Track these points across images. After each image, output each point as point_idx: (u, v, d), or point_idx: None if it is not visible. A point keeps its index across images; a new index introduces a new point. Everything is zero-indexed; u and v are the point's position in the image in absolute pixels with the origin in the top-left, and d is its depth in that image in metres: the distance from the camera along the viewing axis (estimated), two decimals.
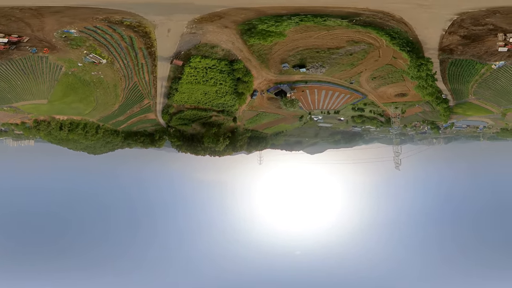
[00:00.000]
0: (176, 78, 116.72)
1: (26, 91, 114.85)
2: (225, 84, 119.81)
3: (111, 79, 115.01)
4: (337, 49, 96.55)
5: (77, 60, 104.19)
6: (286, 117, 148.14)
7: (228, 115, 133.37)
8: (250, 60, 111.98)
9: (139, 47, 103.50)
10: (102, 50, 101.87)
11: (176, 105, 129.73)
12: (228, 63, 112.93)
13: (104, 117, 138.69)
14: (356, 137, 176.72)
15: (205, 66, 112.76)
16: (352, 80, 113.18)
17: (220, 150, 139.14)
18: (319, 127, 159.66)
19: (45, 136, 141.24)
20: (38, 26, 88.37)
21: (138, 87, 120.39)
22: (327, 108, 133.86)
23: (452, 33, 79.97)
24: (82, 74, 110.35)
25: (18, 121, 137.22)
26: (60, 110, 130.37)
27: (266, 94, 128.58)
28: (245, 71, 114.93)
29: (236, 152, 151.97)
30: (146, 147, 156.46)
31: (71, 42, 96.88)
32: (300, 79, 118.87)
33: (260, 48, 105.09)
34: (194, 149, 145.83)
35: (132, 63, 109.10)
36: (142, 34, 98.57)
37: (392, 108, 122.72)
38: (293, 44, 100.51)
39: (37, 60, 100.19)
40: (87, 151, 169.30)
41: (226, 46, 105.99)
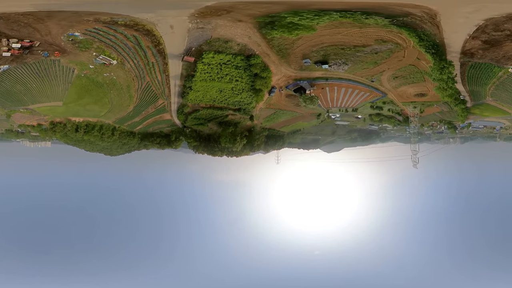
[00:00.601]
0: (190, 76, 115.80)
1: (42, 93, 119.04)
2: (241, 81, 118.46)
3: (124, 80, 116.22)
4: (363, 47, 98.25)
5: (88, 62, 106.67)
6: (304, 115, 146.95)
7: (244, 114, 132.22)
8: (269, 55, 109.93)
9: (147, 45, 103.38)
10: (110, 51, 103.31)
11: (191, 104, 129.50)
12: (244, 58, 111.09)
13: (120, 118, 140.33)
14: (372, 135, 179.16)
15: (219, 61, 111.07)
16: (373, 79, 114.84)
17: (237, 150, 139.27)
18: (336, 125, 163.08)
19: (61, 137, 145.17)
20: (45, 30, 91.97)
21: (151, 87, 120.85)
22: (346, 105, 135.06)
23: (475, 38, 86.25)
24: (94, 76, 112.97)
25: (34, 123, 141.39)
26: (75, 112, 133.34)
27: (285, 91, 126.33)
28: (263, 67, 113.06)
29: (254, 152, 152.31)
30: (162, 148, 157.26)
31: (79, 45, 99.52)
32: (321, 75, 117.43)
33: (280, 42, 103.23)
34: (211, 149, 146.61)
35: (142, 63, 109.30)
36: (145, 32, 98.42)
37: (411, 108, 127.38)
38: (318, 39, 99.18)
39: (50, 64, 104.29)
40: (104, 152, 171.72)
41: (242, 40, 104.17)
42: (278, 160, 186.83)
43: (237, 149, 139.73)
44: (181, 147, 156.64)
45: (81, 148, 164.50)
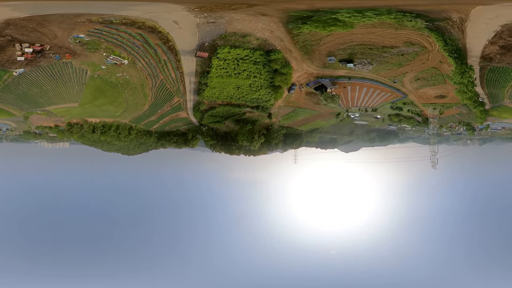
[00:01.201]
0: (205, 72, 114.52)
1: (57, 95, 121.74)
2: (259, 77, 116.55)
3: (137, 79, 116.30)
4: (391, 48, 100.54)
5: (100, 63, 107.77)
6: (323, 113, 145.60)
7: (263, 111, 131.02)
8: (291, 50, 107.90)
9: (155, 43, 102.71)
10: (119, 50, 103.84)
11: (207, 102, 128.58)
12: (263, 53, 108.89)
13: (136, 118, 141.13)
14: (391, 136, 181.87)
15: (236, 57, 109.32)
16: (396, 80, 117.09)
17: (255, 148, 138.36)
18: (355, 124, 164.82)
19: (78, 138, 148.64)
20: (51, 34, 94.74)
21: (165, 85, 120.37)
22: (366, 105, 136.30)
23: (493, 43, 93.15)
24: (107, 76, 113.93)
25: (51, 124, 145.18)
26: (91, 113, 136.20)
27: (305, 88, 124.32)
28: (284, 62, 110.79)
29: (271, 151, 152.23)
30: (179, 147, 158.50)
31: (87, 46, 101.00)
32: (344, 74, 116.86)
33: (307, 38, 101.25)
34: (229, 148, 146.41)
35: (154, 61, 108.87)
36: (149, 30, 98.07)
37: (431, 109, 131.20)
38: (349, 37, 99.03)
39: (63, 66, 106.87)
40: (121, 152, 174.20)
41: (262, 35, 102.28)
42: (296, 160, 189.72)
43: (255, 147, 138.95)
44: (198, 145, 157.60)
45: (98, 148, 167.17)
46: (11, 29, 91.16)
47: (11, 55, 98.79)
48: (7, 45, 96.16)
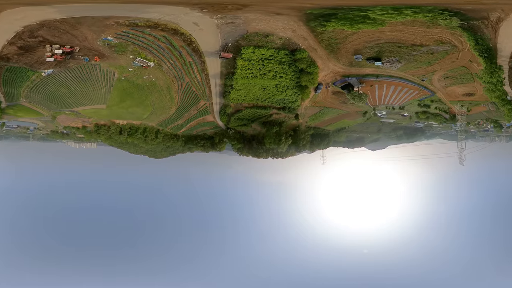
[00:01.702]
0: (230, 73, 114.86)
1: (85, 96, 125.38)
2: (285, 77, 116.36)
3: (163, 81, 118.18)
4: (421, 47, 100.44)
5: (127, 66, 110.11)
6: (350, 112, 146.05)
7: (289, 112, 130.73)
8: (316, 49, 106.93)
9: (179, 45, 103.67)
10: (145, 53, 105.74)
11: (234, 105, 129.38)
12: (288, 52, 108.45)
13: (163, 121, 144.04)
14: (418, 133, 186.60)
15: (261, 57, 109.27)
16: (425, 78, 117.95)
17: (283, 151, 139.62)
18: (382, 122, 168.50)
19: (105, 140, 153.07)
20: (81, 36, 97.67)
21: (191, 88, 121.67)
22: (393, 103, 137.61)
23: None
24: (134, 78, 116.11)
25: (79, 125, 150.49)
26: (119, 115, 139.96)
27: (332, 88, 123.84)
28: (310, 61, 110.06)
29: (299, 152, 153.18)
30: (206, 151, 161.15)
31: (115, 49, 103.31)
32: (372, 72, 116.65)
33: (331, 36, 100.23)
34: (256, 151, 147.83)
35: (179, 63, 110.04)
36: (172, 32, 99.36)
37: (459, 106, 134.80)
38: (376, 35, 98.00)
39: (91, 68, 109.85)
40: (148, 155, 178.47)
41: (284, 34, 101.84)
42: (324, 160, 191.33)
43: (283, 149, 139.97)
44: (226, 149, 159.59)
45: (125, 150, 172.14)
46: (44, 30, 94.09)
47: (41, 55, 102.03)
48: (38, 46, 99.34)
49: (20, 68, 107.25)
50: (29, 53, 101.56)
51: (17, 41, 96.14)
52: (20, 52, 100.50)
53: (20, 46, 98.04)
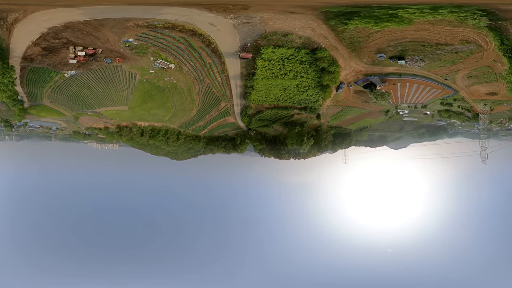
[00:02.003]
0: (250, 74, 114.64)
1: (107, 98, 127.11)
2: (306, 77, 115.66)
3: (184, 83, 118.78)
4: (445, 46, 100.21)
5: (148, 67, 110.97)
6: (372, 111, 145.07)
7: (311, 112, 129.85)
8: (337, 48, 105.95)
9: (199, 46, 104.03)
10: (166, 54, 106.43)
11: (255, 106, 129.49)
12: (309, 51, 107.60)
13: (184, 123, 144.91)
14: (440, 131, 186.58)
15: (281, 56, 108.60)
16: (448, 77, 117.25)
17: (305, 151, 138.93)
18: (404, 121, 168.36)
19: (127, 141, 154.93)
20: (103, 38, 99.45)
21: (212, 90, 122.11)
22: (416, 102, 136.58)
23: None
24: (155, 80, 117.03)
25: (101, 126, 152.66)
26: (140, 117, 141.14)
27: (354, 87, 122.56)
28: (331, 60, 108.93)
29: (321, 153, 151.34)
30: (228, 153, 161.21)
31: (136, 51, 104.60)
32: (394, 71, 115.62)
33: (353, 34, 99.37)
34: (278, 152, 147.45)
35: (199, 64, 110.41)
36: (191, 33, 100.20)
37: (481, 105, 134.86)
38: (400, 33, 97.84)
39: (113, 69, 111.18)
40: (170, 156, 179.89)
41: (304, 33, 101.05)
42: (346, 159, 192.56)
43: (305, 150, 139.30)
44: (247, 150, 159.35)
45: (147, 151, 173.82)
46: (68, 32, 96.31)
47: (64, 57, 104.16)
48: (61, 47, 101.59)
49: (44, 68, 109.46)
50: (52, 54, 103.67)
51: (41, 42, 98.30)
52: (44, 53, 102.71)
53: (44, 47, 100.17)
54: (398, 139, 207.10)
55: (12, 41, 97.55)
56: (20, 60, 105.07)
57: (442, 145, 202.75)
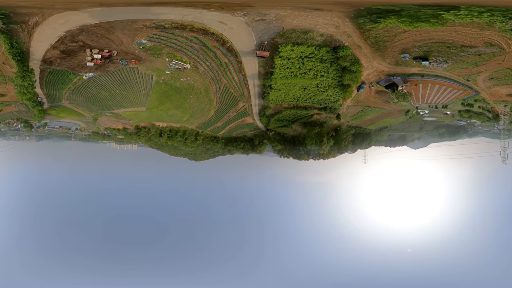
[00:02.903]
0: (268, 73, 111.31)
1: (125, 99, 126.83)
2: (327, 76, 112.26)
3: (201, 84, 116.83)
4: (470, 48, 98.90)
5: (164, 68, 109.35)
6: (392, 111, 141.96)
7: (331, 112, 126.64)
8: (361, 47, 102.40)
9: (213, 45, 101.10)
10: (180, 55, 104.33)
11: (273, 106, 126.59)
12: (330, 50, 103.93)
13: (202, 123, 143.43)
14: (460, 131, 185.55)
15: (300, 55, 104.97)
16: (469, 78, 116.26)
17: (325, 152, 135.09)
18: (424, 121, 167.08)
19: (145, 142, 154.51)
20: (117, 40, 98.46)
21: (229, 90, 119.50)
22: (436, 102, 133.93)
23: None
24: (172, 81, 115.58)
25: (120, 127, 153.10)
26: (159, 118, 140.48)
27: (375, 87, 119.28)
28: (353, 59, 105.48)
29: (341, 153, 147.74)
30: (247, 154, 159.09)
31: (150, 52, 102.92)
32: (417, 72, 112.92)
33: (379, 33, 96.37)
34: (297, 153, 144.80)
35: (215, 64, 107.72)
36: (202, 32, 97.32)
37: (502, 106, 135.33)
38: (427, 34, 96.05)
39: (130, 71, 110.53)
40: (188, 157, 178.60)
41: (326, 30, 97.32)
42: (366, 160, 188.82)
43: (324, 151, 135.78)
44: (266, 150, 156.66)
45: (165, 152, 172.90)
46: (84, 35, 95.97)
47: (82, 60, 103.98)
48: (79, 50, 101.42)
49: (62, 71, 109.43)
50: (70, 57, 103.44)
51: (59, 45, 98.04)
52: (62, 56, 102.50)
53: (63, 50, 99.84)
54: (418, 139, 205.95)
55: (32, 44, 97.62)
56: (40, 63, 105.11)
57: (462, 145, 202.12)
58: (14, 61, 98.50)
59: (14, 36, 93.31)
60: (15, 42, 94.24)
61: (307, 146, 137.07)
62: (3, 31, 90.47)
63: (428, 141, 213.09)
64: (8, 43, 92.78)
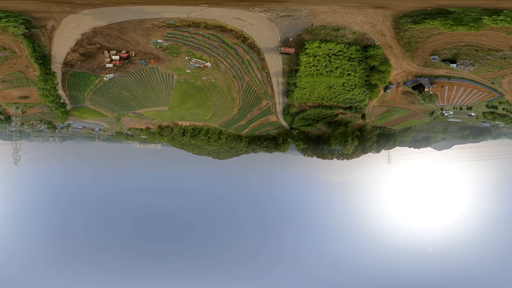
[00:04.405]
0: (293, 71, 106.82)
1: (147, 99, 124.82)
2: (354, 75, 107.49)
3: (223, 82, 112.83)
4: (496, 51, 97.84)
5: (184, 67, 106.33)
6: (417, 112, 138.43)
7: (356, 112, 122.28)
8: (392, 47, 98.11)
9: (233, 42, 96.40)
10: (200, 53, 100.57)
11: (298, 104, 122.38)
12: (360, 48, 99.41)
13: (225, 122, 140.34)
14: (484, 133, 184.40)
15: (328, 52, 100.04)
16: (495, 81, 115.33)
17: (349, 152, 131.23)
18: (448, 122, 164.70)
19: (169, 141, 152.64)
20: (133, 41, 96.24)
21: (252, 88, 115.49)
22: (461, 104, 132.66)
23: None
24: (193, 80, 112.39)
25: (143, 127, 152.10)
26: (181, 117, 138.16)
27: (402, 87, 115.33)
28: (383, 59, 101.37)
29: (365, 153, 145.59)
30: (270, 152, 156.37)
31: (168, 51, 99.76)
32: (444, 74, 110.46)
33: (414, 34, 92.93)
34: (321, 152, 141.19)
35: (236, 61, 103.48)
36: (220, 29, 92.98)
37: None
38: (459, 37, 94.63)
39: (150, 71, 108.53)
40: (212, 156, 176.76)
41: (361, 28, 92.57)
42: (390, 160, 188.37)
43: (349, 151, 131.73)
44: (289, 149, 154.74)
45: (189, 151, 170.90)
46: (99, 37, 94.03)
47: (101, 61, 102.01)
48: (97, 52, 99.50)
49: (84, 73, 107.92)
50: (90, 59, 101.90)
51: (78, 48, 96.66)
52: (82, 59, 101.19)
53: (82, 53, 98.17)
54: (442, 140, 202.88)
55: (53, 48, 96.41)
56: (61, 66, 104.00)
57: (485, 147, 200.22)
58: (36, 65, 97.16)
59: (36, 40, 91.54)
60: (37, 46, 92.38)
61: (331, 145, 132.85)
62: (26, 35, 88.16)
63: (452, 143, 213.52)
64: (31, 47, 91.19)
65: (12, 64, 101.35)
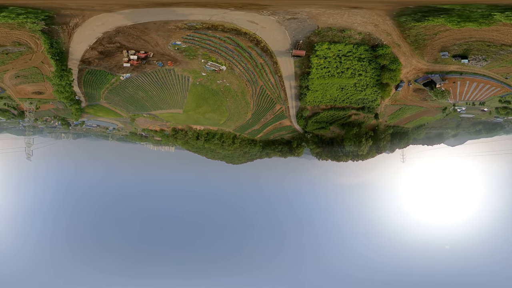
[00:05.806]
0: (305, 74, 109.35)
1: (162, 100, 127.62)
2: (365, 75, 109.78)
3: (237, 86, 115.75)
4: (510, 46, 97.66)
5: (200, 70, 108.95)
6: (429, 109, 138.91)
7: (369, 112, 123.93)
8: (400, 45, 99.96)
9: (247, 45, 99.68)
10: (216, 56, 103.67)
11: (310, 107, 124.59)
12: (368, 48, 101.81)
13: (240, 126, 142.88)
14: (497, 127, 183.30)
15: (338, 53, 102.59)
16: (508, 76, 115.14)
17: (364, 153, 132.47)
18: (461, 118, 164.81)
19: (182, 144, 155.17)
20: (153, 42, 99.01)
21: (266, 92, 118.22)
22: (474, 99, 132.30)
23: None
24: (208, 83, 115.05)
25: (157, 128, 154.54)
26: (196, 120, 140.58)
27: (414, 85, 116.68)
28: (392, 58, 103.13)
29: (379, 153, 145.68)
30: (285, 157, 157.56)
31: (186, 53, 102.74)
32: (456, 70, 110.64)
33: (420, 32, 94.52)
34: (335, 155, 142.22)
35: (250, 65, 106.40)
36: (235, 32, 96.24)
37: None
38: (468, 33, 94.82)
39: (166, 73, 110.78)
40: (225, 160, 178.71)
41: (365, 29, 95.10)
42: (404, 159, 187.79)
43: (363, 152, 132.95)
44: (304, 153, 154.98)
45: (203, 155, 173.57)
46: (120, 37, 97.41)
47: (119, 60, 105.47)
48: (116, 51, 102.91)
49: (100, 71, 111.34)
50: (108, 58, 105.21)
51: (97, 46, 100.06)
52: (100, 57, 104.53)
53: (101, 51, 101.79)
54: (455, 136, 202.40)
55: (72, 45, 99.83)
56: (79, 63, 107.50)
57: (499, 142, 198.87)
58: (52, 61, 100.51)
59: (54, 36, 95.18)
60: (55, 42, 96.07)
61: (345, 147, 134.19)
62: (44, 31, 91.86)
63: (465, 138, 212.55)
64: (48, 43, 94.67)
65: (27, 59, 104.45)
